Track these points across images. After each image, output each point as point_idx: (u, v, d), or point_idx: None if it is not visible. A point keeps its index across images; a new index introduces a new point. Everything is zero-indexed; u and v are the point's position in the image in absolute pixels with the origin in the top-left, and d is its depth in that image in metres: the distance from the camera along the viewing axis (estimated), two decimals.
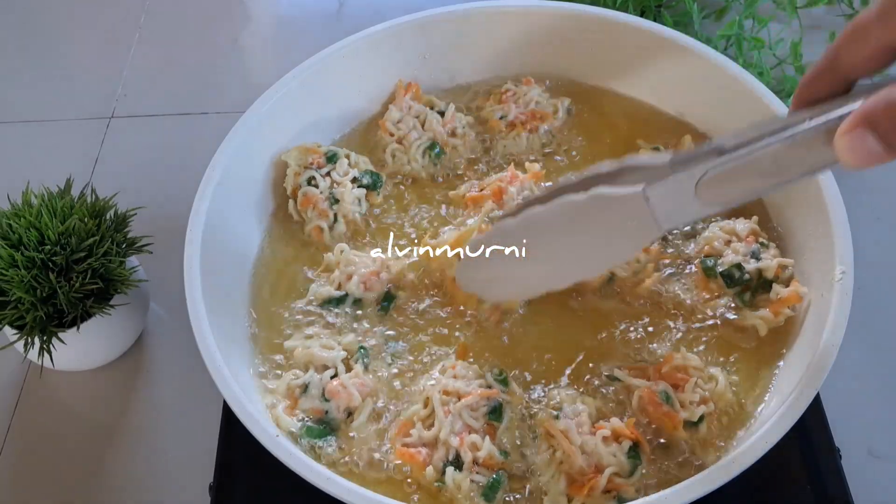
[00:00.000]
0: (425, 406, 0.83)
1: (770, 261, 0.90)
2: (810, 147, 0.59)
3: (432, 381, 0.84)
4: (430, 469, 0.78)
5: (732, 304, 0.91)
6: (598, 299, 0.93)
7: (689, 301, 0.92)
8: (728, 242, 0.93)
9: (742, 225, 0.94)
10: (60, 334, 0.94)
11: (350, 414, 0.85)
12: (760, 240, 0.93)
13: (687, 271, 0.94)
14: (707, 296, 0.91)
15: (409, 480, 0.81)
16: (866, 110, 0.54)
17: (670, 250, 0.96)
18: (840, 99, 0.60)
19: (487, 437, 0.80)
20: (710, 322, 0.91)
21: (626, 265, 0.93)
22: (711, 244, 0.93)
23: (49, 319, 0.94)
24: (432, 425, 0.81)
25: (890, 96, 0.53)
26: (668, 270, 0.94)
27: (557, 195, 0.72)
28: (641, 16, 1.31)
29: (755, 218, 0.95)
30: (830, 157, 0.58)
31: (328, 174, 1.00)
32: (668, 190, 0.66)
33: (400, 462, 0.81)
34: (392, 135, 1.06)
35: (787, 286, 0.88)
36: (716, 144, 0.65)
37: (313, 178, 0.99)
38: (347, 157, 1.02)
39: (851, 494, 0.84)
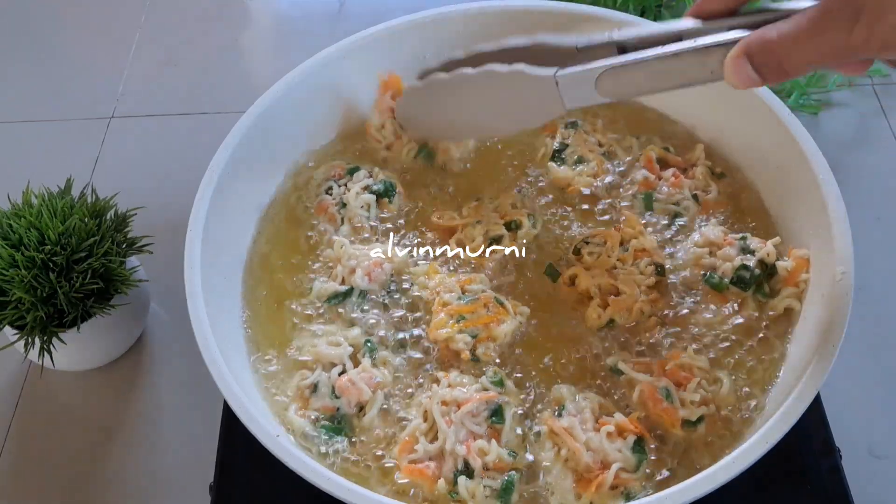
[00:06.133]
0: (425, 419, 0.82)
1: (763, 247, 0.90)
2: (695, 63, 0.73)
3: (428, 395, 0.83)
4: (441, 482, 0.78)
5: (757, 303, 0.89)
6: (597, 340, 0.90)
7: (715, 317, 0.90)
8: (712, 253, 0.92)
9: (713, 231, 0.93)
10: (61, 334, 0.94)
11: (361, 408, 0.85)
12: (741, 235, 0.93)
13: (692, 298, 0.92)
14: (730, 308, 0.89)
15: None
16: (747, 43, 0.66)
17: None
18: (728, 20, 0.73)
19: (493, 441, 0.80)
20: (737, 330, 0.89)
21: (628, 314, 0.89)
22: (700, 262, 0.92)
23: (49, 319, 0.94)
24: (435, 438, 0.80)
25: (764, 35, 0.64)
26: (684, 310, 0.91)
27: (484, 61, 0.87)
28: (642, 15, 1.31)
29: (713, 221, 0.96)
30: (712, 75, 0.72)
31: (345, 184, 1.01)
32: (573, 79, 0.80)
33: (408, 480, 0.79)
34: (379, 142, 1.05)
35: (786, 260, 0.89)
36: (619, 38, 0.80)
37: (330, 187, 1.00)
38: (370, 171, 1.02)
39: (851, 494, 0.84)
